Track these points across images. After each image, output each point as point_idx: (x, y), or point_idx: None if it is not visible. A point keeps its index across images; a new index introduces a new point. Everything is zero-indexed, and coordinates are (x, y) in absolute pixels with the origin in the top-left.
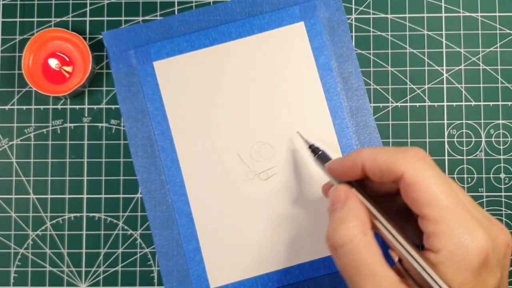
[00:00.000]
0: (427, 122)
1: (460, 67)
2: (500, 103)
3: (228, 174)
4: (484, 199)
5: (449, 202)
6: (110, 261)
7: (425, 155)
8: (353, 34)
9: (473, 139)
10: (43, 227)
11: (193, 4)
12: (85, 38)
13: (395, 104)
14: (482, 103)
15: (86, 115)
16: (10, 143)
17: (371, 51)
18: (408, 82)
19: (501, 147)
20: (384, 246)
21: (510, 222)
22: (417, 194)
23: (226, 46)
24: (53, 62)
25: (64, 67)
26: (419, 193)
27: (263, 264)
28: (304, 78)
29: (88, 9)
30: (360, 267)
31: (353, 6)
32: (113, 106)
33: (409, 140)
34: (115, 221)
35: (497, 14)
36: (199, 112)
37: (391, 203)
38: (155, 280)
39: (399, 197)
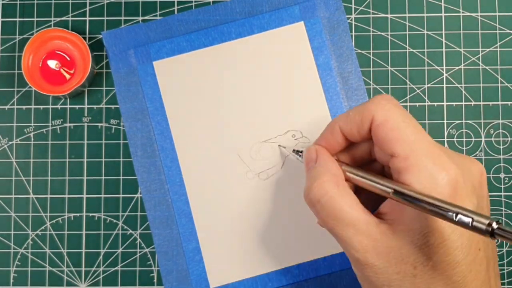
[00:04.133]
0: (427, 121)
1: (460, 67)
2: (500, 103)
3: (228, 174)
4: None
5: (416, 137)
6: (110, 261)
7: (392, 97)
8: (353, 34)
9: (473, 139)
10: (42, 227)
11: (193, 4)
12: (84, 38)
13: None
14: (482, 103)
15: (86, 114)
16: (10, 143)
17: (371, 51)
18: (408, 82)
19: (501, 147)
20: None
21: (510, 222)
22: (386, 133)
23: (226, 46)
24: (52, 62)
25: (64, 67)
26: (389, 131)
27: (263, 264)
28: (304, 78)
29: (88, 8)
30: (338, 217)
31: (353, 6)
32: (113, 106)
33: None
34: (114, 221)
35: (497, 14)
36: (199, 112)
37: None
38: (155, 280)
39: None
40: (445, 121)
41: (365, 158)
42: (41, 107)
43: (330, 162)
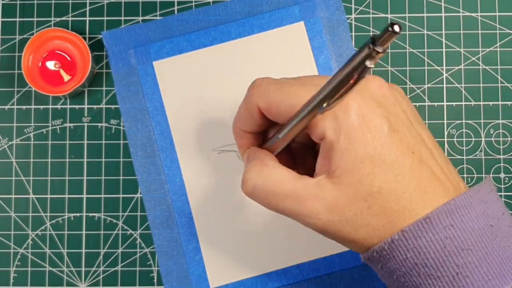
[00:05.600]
0: (427, 122)
1: (460, 67)
2: (500, 103)
3: (227, 173)
4: None
5: (302, 95)
6: (110, 261)
7: (261, 79)
8: (353, 34)
9: (473, 139)
10: (42, 227)
11: (193, 4)
12: (84, 38)
13: None
14: (482, 103)
15: (86, 115)
16: (10, 143)
17: None
18: (408, 82)
19: (501, 147)
20: None
21: None
22: (277, 112)
23: (226, 46)
24: (52, 62)
25: (64, 67)
26: (277, 109)
27: (263, 264)
28: None
29: (88, 8)
30: (276, 192)
31: (353, 6)
32: (112, 106)
33: None
34: (114, 221)
35: (497, 14)
36: (198, 112)
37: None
38: (155, 280)
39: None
40: (445, 121)
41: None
42: (41, 107)
43: (256, 152)
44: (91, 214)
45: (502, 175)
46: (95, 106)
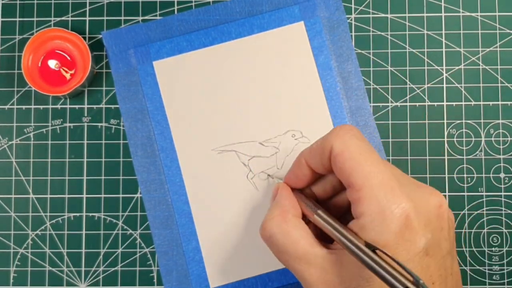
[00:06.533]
0: (426, 121)
1: (459, 67)
2: (500, 102)
3: (227, 173)
4: (484, 199)
5: (372, 169)
6: (110, 261)
7: (352, 127)
8: (353, 33)
9: (473, 139)
10: (42, 227)
11: (193, 3)
12: (84, 38)
13: (394, 104)
14: (481, 102)
15: (86, 114)
16: (10, 142)
17: (371, 51)
18: (408, 82)
19: (501, 147)
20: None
21: (510, 222)
22: (343, 163)
23: (226, 46)
24: (52, 62)
25: (64, 67)
26: (345, 162)
27: (263, 264)
28: (304, 78)
29: (87, 8)
30: (289, 251)
31: (353, 6)
32: (112, 106)
33: (408, 139)
34: (114, 220)
35: (497, 14)
36: (198, 112)
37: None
38: (155, 280)
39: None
40: (445, 121)
41: (337, 188)
42: (41, 107)
43: (284, 198)
44: (91, 214)
45: (502, 175)
46: (95, 106)
